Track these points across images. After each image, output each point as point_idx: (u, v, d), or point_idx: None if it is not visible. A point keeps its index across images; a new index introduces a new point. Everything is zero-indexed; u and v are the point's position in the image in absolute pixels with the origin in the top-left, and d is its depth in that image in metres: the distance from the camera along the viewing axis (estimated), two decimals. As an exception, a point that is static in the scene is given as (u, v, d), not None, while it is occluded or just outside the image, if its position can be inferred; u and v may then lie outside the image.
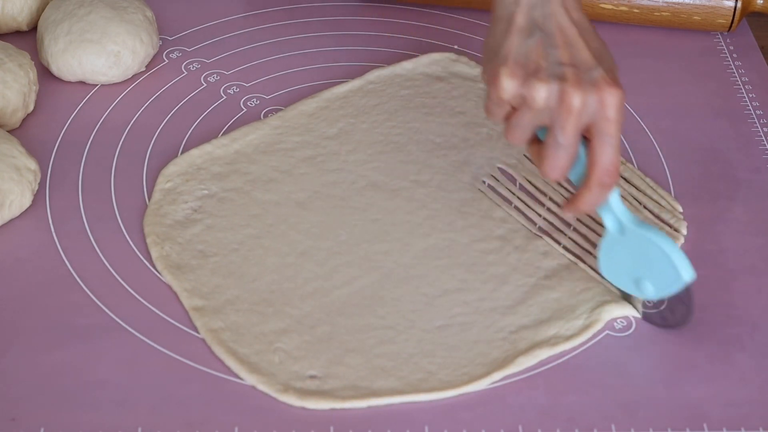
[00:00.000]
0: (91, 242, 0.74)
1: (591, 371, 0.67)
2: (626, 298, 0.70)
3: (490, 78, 0.65)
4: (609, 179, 0.65)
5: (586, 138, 0.65)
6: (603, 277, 0.70)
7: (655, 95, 0.87)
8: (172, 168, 0.78)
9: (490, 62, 0.66)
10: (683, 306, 0.67)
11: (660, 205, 0.77)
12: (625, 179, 0.79)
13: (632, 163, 0.81)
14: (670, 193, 0.78)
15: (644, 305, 0.69)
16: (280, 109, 0.84)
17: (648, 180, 0.79)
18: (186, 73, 0.88)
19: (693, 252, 0.74)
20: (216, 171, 0.78)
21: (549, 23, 0.65)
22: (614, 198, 0.67)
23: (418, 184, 0.78)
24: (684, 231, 0.75)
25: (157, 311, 0.69)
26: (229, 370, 0.66)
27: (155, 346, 0.67)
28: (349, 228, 0.74)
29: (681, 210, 0.77)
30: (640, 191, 0.78)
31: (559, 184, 0.78)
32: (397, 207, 0.76)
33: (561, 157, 0.65)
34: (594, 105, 0.63)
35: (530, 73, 0.64)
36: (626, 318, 0.70)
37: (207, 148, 0.79)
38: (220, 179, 0.77)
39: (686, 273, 0.65)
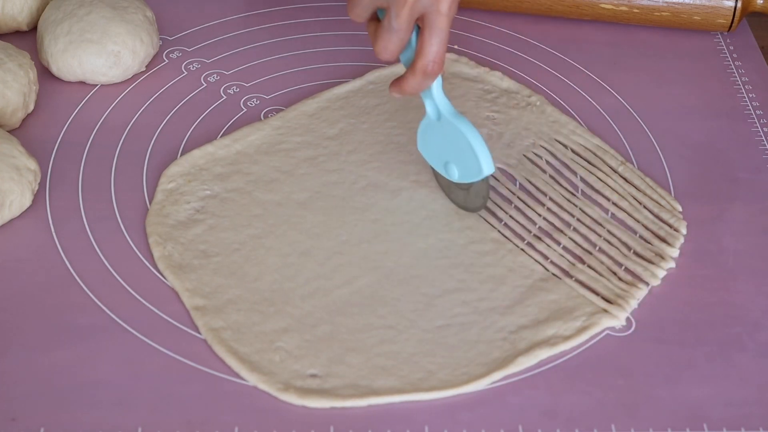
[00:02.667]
0: (91, 242, 0.74)
1: (591, 371, 0.67)
2: (437, 177, 0.77)
3: None
4: (432, 68, 0.70)
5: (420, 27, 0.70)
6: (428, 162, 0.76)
7: (655, 95, 0.87)
8: (175, 168, 0.78)
9: None
10: (481, 194, 0.74)
11: (660, 204, 0.77)
12: (624, 179, 0.79)
13: (632, 163, 0.81)
14: (670, 193, 0.78)
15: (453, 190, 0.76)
16: (281, 110, 0.84)
17: (648, 180, 0.79)
18: (186, 73, 0.88)
19: (693, 252, 0.74)
20: (218, 171, 0.78)
21: None
22: (436, 86, 0.73)
23: (418, 185, 0.78)
24: (684, 231, 0.75)
25: (157, 311, 0.69)
26: (229, 370, 0.66)
27: (155, 346, 0.67)
28: (349, 228, 0.74)
29: (681, 210, 0.77)
30: (640, 191, 0.78)
31: (559, 185, 0.79)
32: (397, 207, 0.76)
33: (392, 41, 0.69)
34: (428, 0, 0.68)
35: None
36: (626, 318, 0.70)
37: (209, 148, 0.79)
38: (222, 180, 0.78)
39: (486, 167, 0.72)
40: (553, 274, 0.72)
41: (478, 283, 0.71)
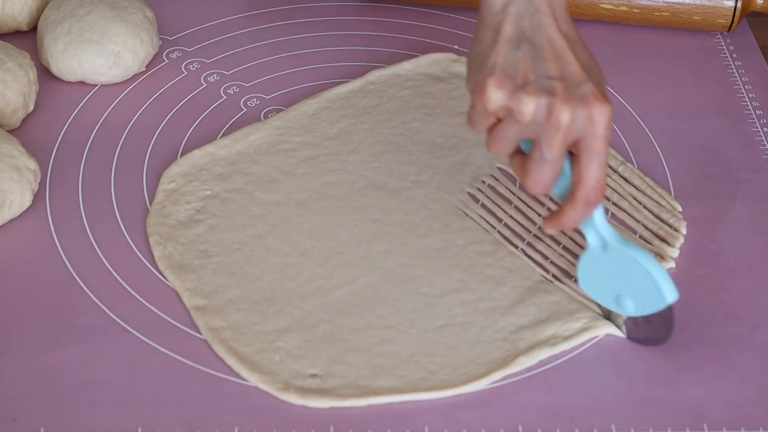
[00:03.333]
0: (91, 242, 0.74)
1: (591, 371, 0.67)
2: (606, 313, 0.69)
3: (477, 88, 0.63)
4: (595, 197, 0.64)
5: (572, 153, 0.65)
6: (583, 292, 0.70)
7: (655, 95, 0.87)
8: (175, 169, 0.78)
9: (477, 72, 0.64)
10: (665, 324, 0.67)
11: (660, 204, 0.77)
12: (624, 179, 0.79)
13: (632, 163, 0.81)
14: (670, 192, 0.78)
15: (626, 323, 0.68)
16: (281, 110, 0.84)
17: (648, 180, 0.79)
18: (186, 73, 0.88)
19: (693, 252, 0.74)
20: (218, 172, 0.78)
21: (538, 34, 0.64)
22: (598, 214, 0.66)
23: (417, 185, 0.78)
24: (684, 231, 0.75)
25: (157, 311, 0.69)
26: (229, 370, 0.66)
27: (155, 345, 0.67)
28: (349, 228, 0.75)
29: (680, 210, 0.77)
30: (640, 191, 0.78)
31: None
32: (397, 207, 0.76)
33: (546, 173, 0.64)
34: (582, 121, 0.62)
35: (518, 86, 0.62)
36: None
37: (209, 148, 0.80)
38: (222, 180, 0.78)
39: (670, 294, 0.65)
40: (552, 278, 0.71)
41: (477, 284, 0.71)
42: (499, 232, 0.75)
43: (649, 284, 0.65)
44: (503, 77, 0.63)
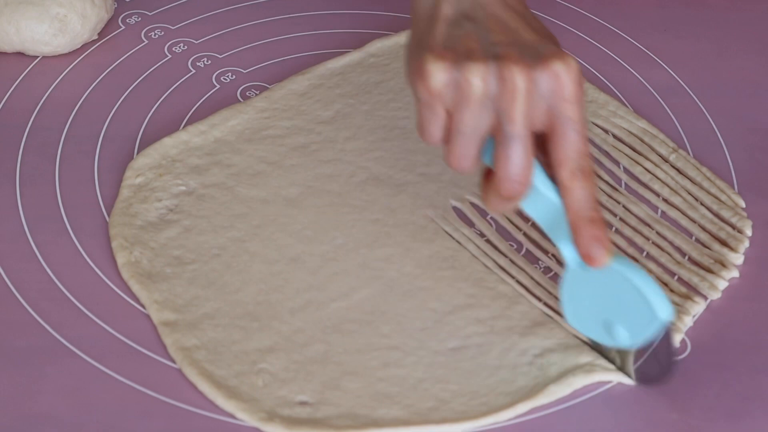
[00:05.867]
0: (30, 246, 0.74)
1: (638, 403, 0.67)
2: (607, 355, 0.69)
3: (415, 71, 0.64)
4: (583, 173, 0.63)
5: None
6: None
7: (714, 69, 0.88)
8: (143, 160, 0.79)
9: (414, 58, 0.65)
10: (665, 355, 0.67)
11: (719, 200, 0.78)
12: (677, 169, 0.80)
13: (686, 151, 0.82)
14: (732, 186, 0.80)
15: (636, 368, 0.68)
16: (261, 87, 0.85)
17: (705, 170, 0.80)
18: (147, 41, 0.89)
19: (759, 258, 0.75)
20: (194, 163, 0.80)
21: (481, 12, 0.65)
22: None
23: (426, 179, 0.79)
24: (749, 232, 0.76)
25: (111, 330, 0.70)
26: (201, 400, 0.66)
27: (109, 372, 0.68)
28: (346, 230, 0.76)
29: (744, 206, 0.78)
30: (696, 184, 0.79)
31: (598, 177, 0.80)
32: (402, 205, 0.78)
33: (515, 156, 0.63)
34: (545, 83, 0.62)
35: (462, 55, 0.63)
36: (680, 339, 0.71)
37: (182, 136, 0.81)
38: (198, 173, 0.79)
39: (662, 311, 0.65)
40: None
41: (489, 300, 0.73)
42: (525, 233, 0.76)
43: (639, 302, 0.65)
44: (443, 50, 0.63)
